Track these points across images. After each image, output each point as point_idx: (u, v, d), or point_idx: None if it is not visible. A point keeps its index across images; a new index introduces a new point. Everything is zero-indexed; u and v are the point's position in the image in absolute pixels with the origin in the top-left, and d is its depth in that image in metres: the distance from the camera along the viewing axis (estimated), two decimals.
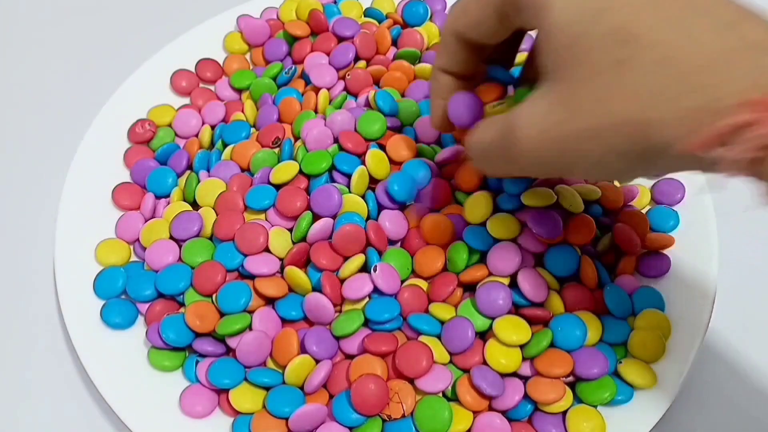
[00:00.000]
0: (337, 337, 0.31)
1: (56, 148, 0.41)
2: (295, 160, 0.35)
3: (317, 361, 0.31)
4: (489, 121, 0.27)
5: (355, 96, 0.38)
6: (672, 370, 0.31)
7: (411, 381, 0.30)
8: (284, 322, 0.32)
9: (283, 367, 0.31)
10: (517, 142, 0.24)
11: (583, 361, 0.30)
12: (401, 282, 0.32)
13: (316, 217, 0.33)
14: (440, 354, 0.30)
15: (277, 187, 0.34)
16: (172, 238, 0.34)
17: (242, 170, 0.36)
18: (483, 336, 0.31)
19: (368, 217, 0.33)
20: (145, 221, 0.36)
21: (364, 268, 0.32)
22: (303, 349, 0.31)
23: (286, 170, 0.34)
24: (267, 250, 0.33)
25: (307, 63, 0.40)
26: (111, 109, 0.40)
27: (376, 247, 0.32)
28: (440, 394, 0.30)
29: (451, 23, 0.28)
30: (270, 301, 0.33)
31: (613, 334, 0.32)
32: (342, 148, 0.35)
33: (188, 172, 0.37)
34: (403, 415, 0.29)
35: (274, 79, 0.40)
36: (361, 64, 0.39)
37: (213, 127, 0.39)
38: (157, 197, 0.36)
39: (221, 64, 0.42)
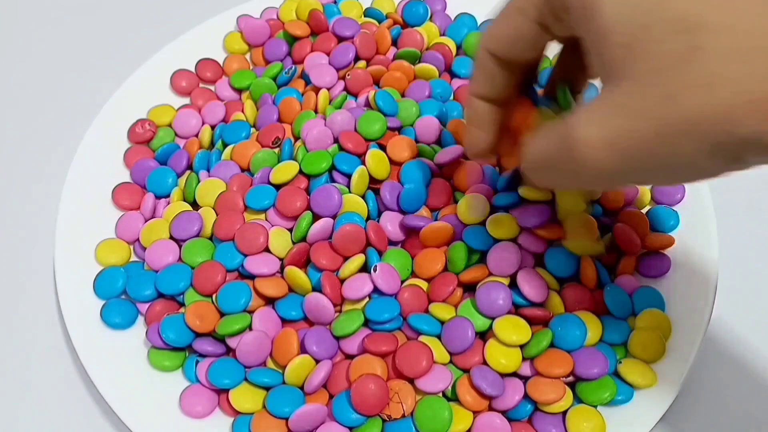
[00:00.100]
0: (337, 337, 0.31)
1: (56, 148, 0.41)
2: (295, 160, 0.35)
3: (317, 361, 0.31)
4: (543, 131, 0.24)
5: (355, 96, 0.38)
6: (672, 370, 0.31)
7: (411, 381, 0.30)
8: (284, 322, 0.32)
9: (283, 367, 0.31)
10: (579, 155, 0.21)
11: (583, 361, 0.30)
12: (401, 282, 0.32)
13: (316, 217, 0.33)
14: (440, 354, 0.30)
15: (277, 187, 0.34)
16: (172, 238, 0.34)
17: (242, 170, 0.36)
18: (483, 336, 0.31)
19: (368, 217, 0.33)
20: (145, 221, 0.36)
21: (364, 268, 0.32)
22: (303, 349, 0.31)
23: (286, 170, 0.34)
24: (267, 250, 0.33)
25: (307, 63, 0.40)
26: (111, 109, 0.40)
27: (376, 247, 0.32)
28: (440, 394, 0.30)
29: (488, 42, 0.27)
30: (270, 301, 0.33)
31: (613, 334, 0.32)
32: (342, 148, 0.35)
33: (188, 172, 0.37)
34: (403, 415, 0.29)
35: (274, 79, 0.40)
36: (361, 64, 0.39)
37: (213, 127, 0.39)
38: (157, 197, 0.36)
39: (221, 64, 0.42)
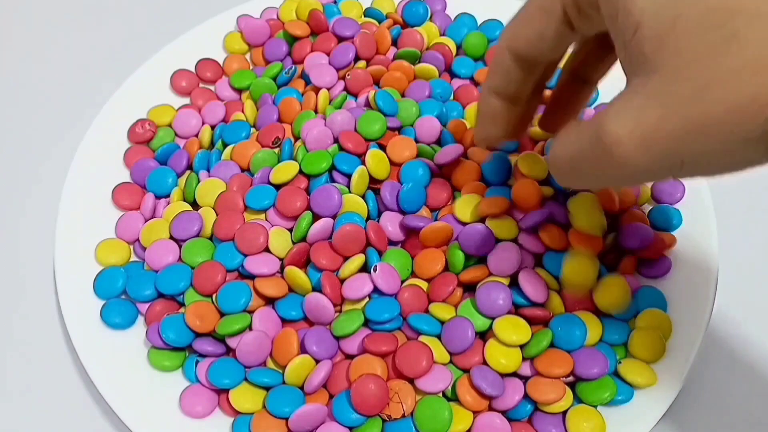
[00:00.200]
0: (337, 337, 0.31)
1: (56, 148, 0.41)
2: (295, 160, 0.35)
3: (317, 361, 0.31)
4: (571, 130, 0.23)
5: (355, 96, 0.38)
6: (672, 370, 0.31)
7: (411, 381, 0.30)
8: (284, 322, 0.32)
9: (283, 367, 0.31)
10: (611, 151, 0.21)
11: (583, 361, 0.30)
12: (401, 282, 0.32)
13: (316, 217, 0.33)
14: (440, 354, 0.30)
15: (277, 187, 0.34)
16: (172, 238, 0.34)
17: (242, 170, 0.36)
18: (483, 336, 0.31)
19: (368, 218, 0.33)
20: (145, 221, 0.36)
21: (364, 268, 0.32)
22: (303, 349, 0.31)
23: (286, 170, 0.34)
24: (267, 250, 0.33)
25: (307, 63, 0.40)
26: (111, 109, 0.40)
27: (376, 247, 0.32)
28: (440, 394, 0.30)
29: (509, 39, 0.26)
30: (270, 301, 0.33)
31: (613, 334, 0.32)
32: (342, 148, 0.35)
33: (188, 172, 0.37)
34: (403, 415, 0.29)
35: (274, 79, 0.40)
36: (361, 64, 0.39)
37: (213, 127, 0.39)
38: (157, 197, 0.36)
39: (221, 64, 0.42)
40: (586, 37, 0.26)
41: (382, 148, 0.35)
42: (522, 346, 0.30)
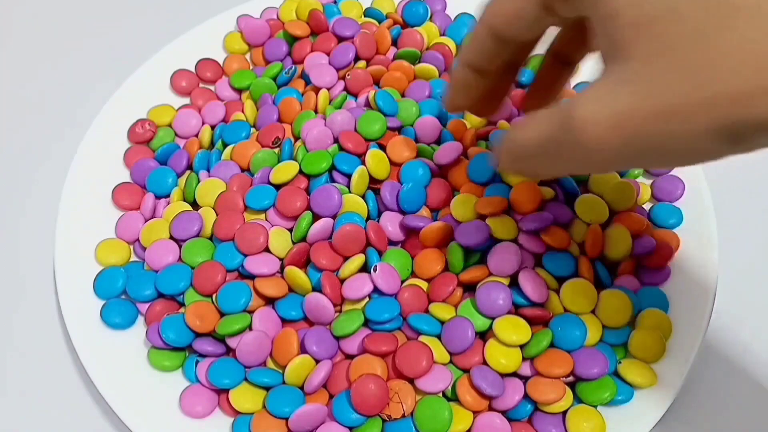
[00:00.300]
0: (337, 337, 0.31)
1: (56, 148, 0.41)
2: (295, 160, 0.35)
3: (317, 361, 0.31)
4: (540, 115, 0.23)
5: (355, 96, 0.38)
6: (672, 370, 0.31)
7: (411, 381, 0.30)
8: (284, 322, 0.32)
9: (283, 367, 0.31)
10: (582, 135, 0.21)
11: (583, 361, 0.30)
12: (401, 282, 0.32)
13: (316, 217, 0.33)
14: (440, 354, 0.30)
15: (277, 187, 0.34)
16: (172, 238, 0.34)
17: (242, 170, 0.36)
18: (483, 336, 0.31)
19: (368, 218, 0.33)
20: (145, 221, 0.36)
21: (364, 268, 0.32)
22: (303, 349, 0.31)
23: (286, 170, 0.34)
24: (267, 250, 0.33)
25: (307, 63, 0.40)
26: (111, 109, 0.40)
27: (376, 247, 0.32)
28: (440, 394, 0.30)
29: (488, 15, 0.26)
30: (270, 301, 0.33)
31: (614, 334, 0.32)
32: (342, 148, 0.35)
33: (188, 172, 0.37)
34: (403, 415, 0.29)
35: (274, 79, 0.40)
36: (361, 64, 0.39)
37: (213, 127, 0.39)
38: (157, 197, 0.36)
39: (221, 64, 0.42)
40: (568, 20, 0.26)
41: (382, 148, 0.35)
42: (522, 346, 0.30)
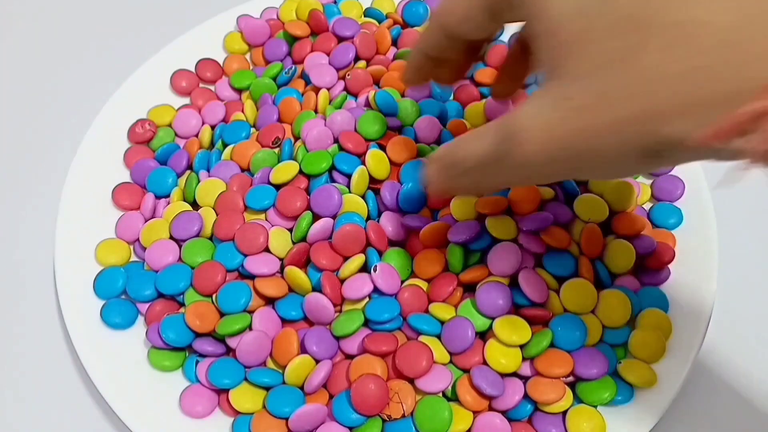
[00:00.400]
0: (337, 337, 0.31)
1: (56, 148, 0.41)
2: (295, 160, 0.35)
3: (317, 361, 0.31)
4: (479, 131, 0.24)
5: (355, 96, 0.38)
6: (672, 370, 0.31)
7: (411, 381, 0.30)
8: (284, 322, 0.32)
9: (283, 367, 0.31)
10: (520, 146, 0.22)
11: (583, 361, 0.30)
12: (401, 282, 0.32)
13: (316, 217, 0.33)
14: (440, 354, 0.30)
15: (277, 187, 0.34)
16: (172, 238, 0.34)
17: (242, 170, 0.36)
18: (483, 336, 0.31)
19: (368, 218, 0.33)
20: (145, 221, 0.36)
21: (364, 268, 0.32)
22: (303, 349, 0.31)
23: (286, 170, 0.34)
24: (267, 250, 0.33)
25: (307, 63, 0.40)
26: (111, 109, 0.40)
27: (376, 247, 0.32)
28: (440, 394, 0.30)
29: (439, 16, 0.28)
30: (270, 301, 0.33)
31: (614, 334, 0.32)
32: (342, 148, 0.35)
33: (188, 172, 0.37)
34: (403, 415, 0.29)
35: (274, 79, 0.40)
36: (361, 64, 0.39)
37: (213, 127, 0.39)
38: (157, 197, 0.36)
39: (221, 64, 0.42)
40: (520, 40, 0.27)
41: (382, 148, 0.35)
42: (522, 346, 0.30)
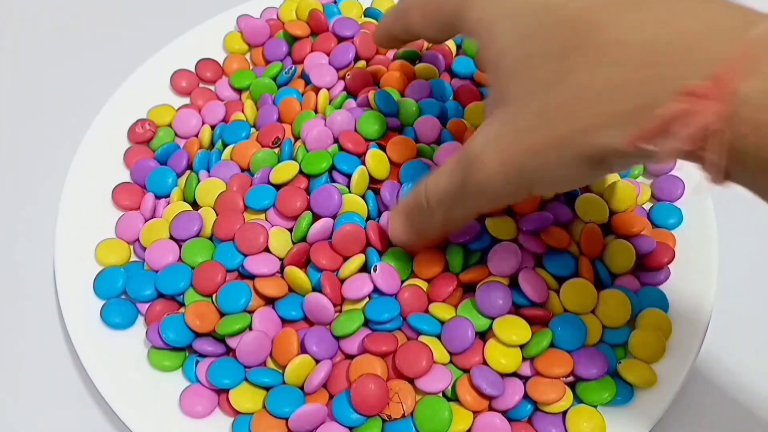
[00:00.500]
0: (337, 337, 0.31)
1: (56, 148, 0.41)
2: (295, 160, 0.35)
3: (317, 361, 0.31)
4: (443, 168, 0.27)
5: (355, 96, 0.38)
6: (672, 370, 0.31)
7: (411, 381, 0.30)
8: (284, 322, 0.32)
9: (283, 367, 0.31)
10: (479, 171, 0.24)
11: (583, 362, 0.30)
12: (401, 282, 0.32)
13: (316, 217, 0.33)
14: (440, 354, 0.30)
15: (277, 187, 0.34)
16: (172, 238, 0.34)
17: (242, 170, 0.36)
18: (483, 336, 0.31)
19: (368, 217, 0.33)
20: (145, 221, 0.36)
21: (364, 268, 0.32)
22: (303, 349, 0.31)
23: (286, 170, 0.34)
24: (267, 250, 0.33)
25: (307, 63, 0.40)
26: (111, 109, 0.40)
27: (376, 247, 0.32)
28: (440, 394, 0.30)
29: (398, 13, 0.30)
30: (270, 301, 0.33)
31: (614, 334, 0.32)
32: (342, 148, 0.35)
33: (188, 172, 0.37)
34: (403, 415, 0.29)
35: (274, 79, 0.40)
36: (361, 64, 0.39)
37: (213, 127, 0.39)
38: (157, 197, 0.36)
39: (221, 64, 0.42)
40: None
41: (382, 148, 0.35)
42: (522, 346, 0.30)
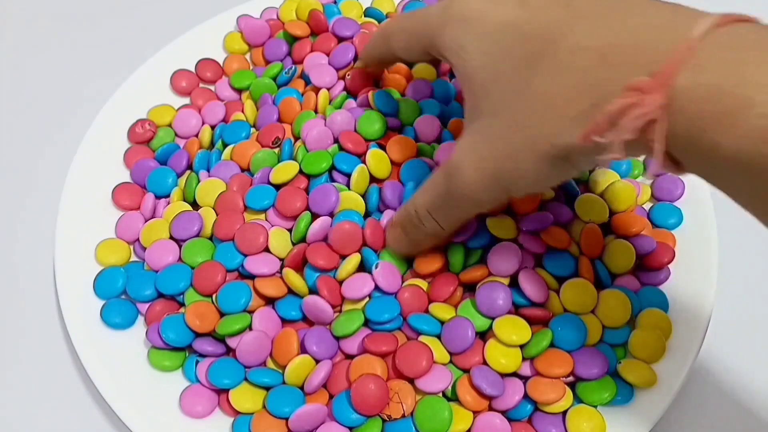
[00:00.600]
0: (337, 337, 0.31)
1: (56, 148, 0.41)
2: (295, 160, 0.35)
3: (317, 361, 0.31)
4: (429, 181, 0.29)
5: (355, 96, 0.38)
6: (672, 370, 0.31)
7: (411, 381, 0.30)
8: (284, 322, 0.32)
9: (283, 367, 0.31)
10: (460, 179, 0.27)
11: (583, 361, 0.30)
12: (402, 279, 0.32)
13: (315, 216, 0.33)
14: (440, 354, 0.30)
15: (277, 187, 0.34)
16: (172, 238, 0.34)
17: (242, 170, 0.36)
18: (483, 336, 0.31)
19: (366, 214, 0.33)
20: (145, 221, 0.36)
21: (362, 268, 0.32)
22: (303, 349, 0.31)
23: (286, 170, 0.34)
24: (267, 250, 0.33)
25: (307, 63, 0.39)
26: (111, 109, 0.40)
27: (372, 246, 0.32)
28: (440, 394, 0.30)
29: (383, 37, 0.32)
30: (270, 301, 0.33)
31: (614, 334, 0.32)
32: (342, 148, 0.35)
33: (188, 172, 0.37)
34: (403, 415, 0.29)
35: (274, 79, 0.40)
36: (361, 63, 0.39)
37: (213, 127, 0.39)
38: (157, 197, 0.36)
39: (221, 64, 0.42)
40: None
41: (383, 148, 0.35)
42: (522, 346, 0.30)
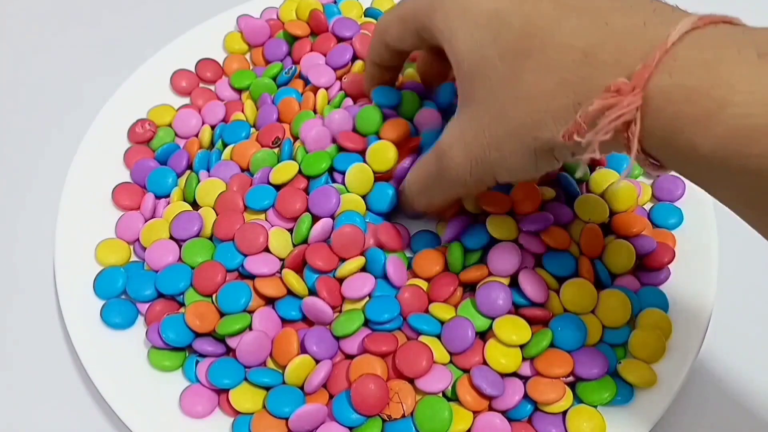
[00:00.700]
0: (337, 337, 0.31)
1: (56, 148, 0.41)
2: (294, 160, 0.35)
3: (317, 361, 0.31)
4: (422, 159, 0.30)
5: (354, 99, 0.38)
6: (672, 370, 0.31)
7: (411, 381, 0.30)
8: (284, 322, 0.32)
9: (283, 367, 0.31)
10: (449, 162, 0.28)
11: (583, 361, 0.30)
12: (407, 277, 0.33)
13: (315, 218, 0.33)
14: (440, 354, 0.30)
15: (277, 188, 0.34)
16: (172, 238, 0.34)
17: (242, 170, 0.36)
18: (483, 336, 0.31)
19: (367, 208, 0.34)
20: (145, 221, 0.36)
21: (364, 269, 0.32)
22: (303, 349, 0.31)
23: (286, 170, 0.34)
24: (267, 250, 0.33)
25: (304, 63, 0.40)
26: (111, 109, 0.40)
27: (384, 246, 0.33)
28: (440, 394, 0.30)
29: (379, 34, 0.32)
30: (270, 301, 0.33)
31: (614, 334, 0.32)
32: (341, 148, 0.35)
33: (188, 172, 0.37)
34: (403, 415, 0.29)
35: (274, 79, 0.40)
36: (359, 64, 0.39)
37: (213, 127, 0.39)
38: (157, 197, 0.36)
39: (221, 64, 0.42)
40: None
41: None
42: (522, 346, 0.30)
